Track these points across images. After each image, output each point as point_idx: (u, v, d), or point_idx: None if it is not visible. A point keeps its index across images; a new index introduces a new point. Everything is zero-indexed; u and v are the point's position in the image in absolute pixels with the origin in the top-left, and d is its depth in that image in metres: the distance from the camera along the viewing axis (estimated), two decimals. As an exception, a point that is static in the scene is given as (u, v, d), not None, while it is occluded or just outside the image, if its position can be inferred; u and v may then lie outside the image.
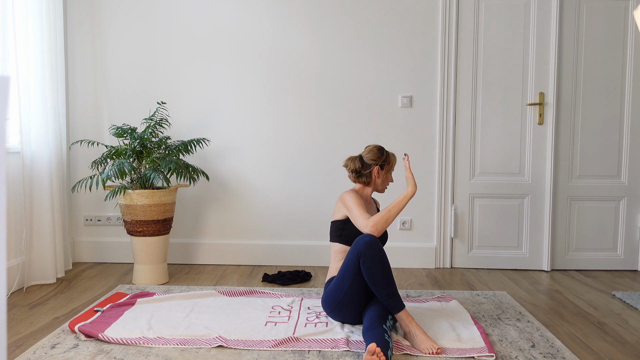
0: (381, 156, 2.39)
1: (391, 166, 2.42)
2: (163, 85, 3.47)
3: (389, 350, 1.83)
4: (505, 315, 2.47)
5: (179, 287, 2.92)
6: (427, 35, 3.40)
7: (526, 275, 3.31)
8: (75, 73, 3.49)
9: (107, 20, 3.45)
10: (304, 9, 3.41)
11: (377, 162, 2.38)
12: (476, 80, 3.40)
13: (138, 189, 2.99)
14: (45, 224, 2.97)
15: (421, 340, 2.00)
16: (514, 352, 2.03)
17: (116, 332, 2.16)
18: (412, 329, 2.04)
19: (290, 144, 3.47)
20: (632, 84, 3.39)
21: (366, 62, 3.42)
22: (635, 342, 2.19)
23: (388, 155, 2.41)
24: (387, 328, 1.97)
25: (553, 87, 3.35)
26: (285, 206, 3.50)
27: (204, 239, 3.54)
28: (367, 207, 2.41)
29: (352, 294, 2.14)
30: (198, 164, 3.47)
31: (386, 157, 2.40)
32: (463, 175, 3.45)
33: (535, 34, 3.36)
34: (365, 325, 2.01)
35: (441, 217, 3.46)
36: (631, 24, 3.36)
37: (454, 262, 3.50)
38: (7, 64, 2.85)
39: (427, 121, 3.44)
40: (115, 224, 3.54)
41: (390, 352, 1.84)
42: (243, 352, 2.01)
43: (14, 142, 3.02)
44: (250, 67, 3.44)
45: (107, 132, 3.48)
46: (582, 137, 3.42)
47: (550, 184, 3.39)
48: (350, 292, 2.14)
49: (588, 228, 3.46)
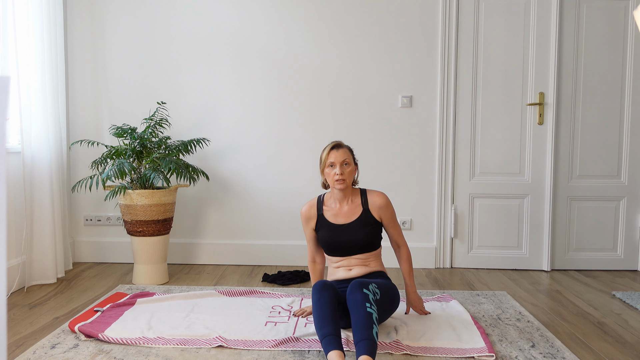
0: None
1: (324, 161, 2.27)
2: (163, 85, 3.47)
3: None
4: (505, 315, 2.47)
5: (179, 287, 2.92)
6: (427, 35, 3.40)
7: (526, 275, 3.31)
8: (75, 73, 3.49)
9: (107, 20, 3.45)
10: (304, 9, 3.41)
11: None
12: (476, 80, 3.40)
13: (138, 189, 2.99)
14: (45, 224, 2.97)
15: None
16: (514, 352, 2.03)
17: (116, 332, 2.16)
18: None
19: (290, 144, 3.47)
20: (632, 84, 3.39)
21: (366, 62, 3.42)
22: (635, 342, 2.19)
23: (321, 155, 2.31)
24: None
25: (553, 87, 3.35)
26: (285, 206, 3.50)
27: (204, 239, 3.54)
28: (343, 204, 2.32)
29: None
30: (198, 164, 3.47)
31: (320, 158, 2.31)
32: (463, 175, 3.45)
33: (535, 34, 3.35)
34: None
35: (441, 217, 3.46)
36: (631, 24, 3.36)
37: (454, 262, 3.50)
38: (7, 64, 2.85)
39: (427, 121, 3.44)
40: (115, 224, 3.54)
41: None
42: (243, 352, 2.01)
43: (14, 142, 3.02)
44: (250, 67, 3.44)
45: (107, 132, 3.48)
46: (582, 137, 3.42)
47: (550, 184, 3.39)
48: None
49: (588, 228, 3.46)
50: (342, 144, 2.31)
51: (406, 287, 2.39)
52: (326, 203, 2.35)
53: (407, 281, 2.38)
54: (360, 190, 2.35)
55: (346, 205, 2.31)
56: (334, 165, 2.24)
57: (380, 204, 2.29)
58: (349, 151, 2.31)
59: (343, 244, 2.27)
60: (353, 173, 2.29)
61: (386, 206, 2.30)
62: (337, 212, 2.31)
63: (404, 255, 2.37)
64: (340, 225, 2.29)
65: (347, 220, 2.29)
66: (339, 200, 2.32)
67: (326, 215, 2.33)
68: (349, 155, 2.28)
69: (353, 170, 2.29)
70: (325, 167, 2.27)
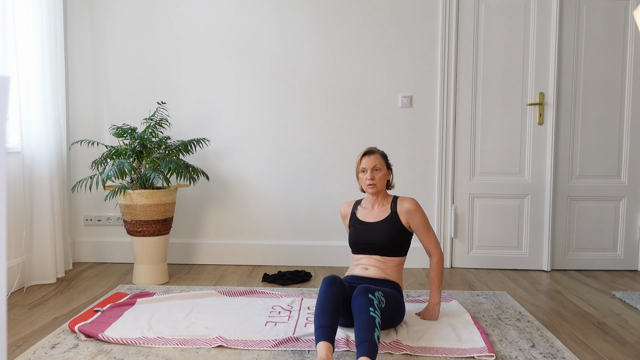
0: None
1: (357, 167, 2.42)
2: (163, 85, 3.47)
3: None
4: (505, 315, 2.47)
5: (179, 287, 2.92)
6: (427, 36, 3.40)
7: (526, 275, 3.31)
8: (75, 73, 3.49)
9: (107, 20, 3.45)
10: (304, 10, 3.41)
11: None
12: (476, 80, 3.40)
13: (138, 189, 2.99)
14: (45, 224, 2.97)
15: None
16: (514, 352, 2.03)
17: (116, 332, 2.16)
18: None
19: (290, 144, 3.47)
20: (632, 84, 3.39)
21: (366, 62, 3.42)
22: (635, 342, 2.19)
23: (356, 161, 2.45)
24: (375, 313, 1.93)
25: (553, 87, 3.35)
26: (285, 206, 3.50)
27: (204, 239, 3.54)
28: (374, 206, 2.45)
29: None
30: (198, 164, 3.47)
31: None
32: (463, 175, 3.45)
33: (535, 34, 3.35)
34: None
35: (441, 217, 3.46)
36: (631, 24, 3.36)
37: (454, 262, 3.50)
38: (7, 64, 2.85)
39: (427, 121, 3.44)
40: (115, 224, 3.54)
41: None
42: (243, 352, 2.01)
43: (14, 142, 3.02)
44: (250, 66, 3.44)
45: (107, 132, 3.48)
46: (582, 137, 3.42)
47: (550, 184, 3.39)
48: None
49: (588, 228, 3.46)
50: (375, 150, 2.44)
51: (429, 296, 2.41)
52: (362, 204, 2.51)
53: (430, 291, 2.40)
54: (393, 197, 2.46)
55: (377, 207, 2.44)
56: (365, 171, 2.38)
57: (409, 207, 2.36)
58: (382, 157, 2.43)
59: (364, 239, 2.37)
60: (385, 177, 2.41)
61: (414, 210, 2.36)
62: (368, 213, 2.44)
63: (432, 265, 2.40)
64: (368, 222, 2.41)
65: (375, 220, 2.40)
66: (371, 203, 2.46)
67: (358, 214, 2.47)
68: (380, 161, 2.40)
69: (385, 174, 2.41)
70: (359, 172, 2.42)
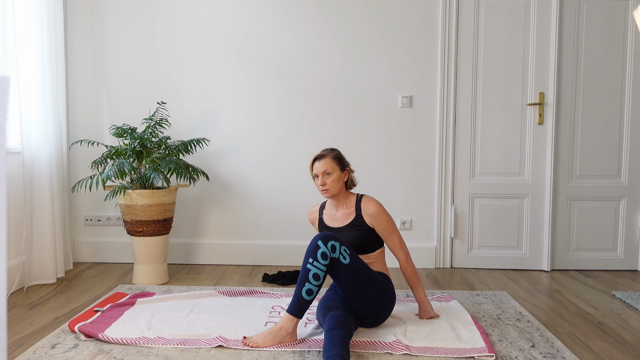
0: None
1: (311, 173, 2.37)
2: (163, 85, 3.47)
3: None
4: (505, 315, 2.47)
5: (179, 287, 2.92)
6: (427, 36, 3.40)
7: (526, 275, 3.31)
8: (75, 73, 3.49)
9: (107, 20, 3.45)
10: (304, 10, 3.41)
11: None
12: (476, 80, 3.40)
13: (138, 189, 2.99)
14: (45, 224, 2.97)
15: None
16: (514, 352, 2.03)
17: (116, 332, 2.16)
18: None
19: (290, 144, 3.47)
20: (632, 84, 3.39)
21: (366, 62, 3.42)
22: (635, 342, 2.19)
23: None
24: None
25: (553, 87, 3.35)
26: (285, 206, 3.50)
27: (204, 239, 3.54)
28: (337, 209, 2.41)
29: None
30: (198, 164, 3.47)
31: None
32: (463, 175, 3.45)
33: (535, 34, 3.35)
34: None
35: (441, 217, 3.46)
36: (631, 24, 3.36)
37: (454, 262, 3.50)
38: (7, 64, 2.85)
39: (427, 121, 3.44)
40: (115, 224, 3.54)
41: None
42: (243, 352, 2.01)
43: (14, 142, 3.02)
44: (250, 67, 3.44)
45: (107, 132, 3.48)
46: (582, 137, 3.42)
47: (550, 184, 3.39)
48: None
49: (588, 228, 3.46)
50: (326, 153, 2.34)
51: (415, 296, 2.40)
52: (326, 208, 2.47)
53: (413, 291, 2.39)
54: (357, 196, 2.38)
55: (341, 210, 2.39)
56: (317, 177, 2.34)
57: (371, 212, 2.30)
58: (333, 159, 2.33)
59: None
60: (339, 180, 2.33)
61: (377, 215, 2.29)
62: (333, 217, 2.41)
63: (402, 266, 2.36)
64: (335, 228, 2.37)
65: (341, 224, 2.36)
66: (334, 206, 2.42)
67: (324, 219, 2.44)
68: (331, 164, 2.31)
69: (338, 177, 2.32)
70: (313, 179, 2.39)
